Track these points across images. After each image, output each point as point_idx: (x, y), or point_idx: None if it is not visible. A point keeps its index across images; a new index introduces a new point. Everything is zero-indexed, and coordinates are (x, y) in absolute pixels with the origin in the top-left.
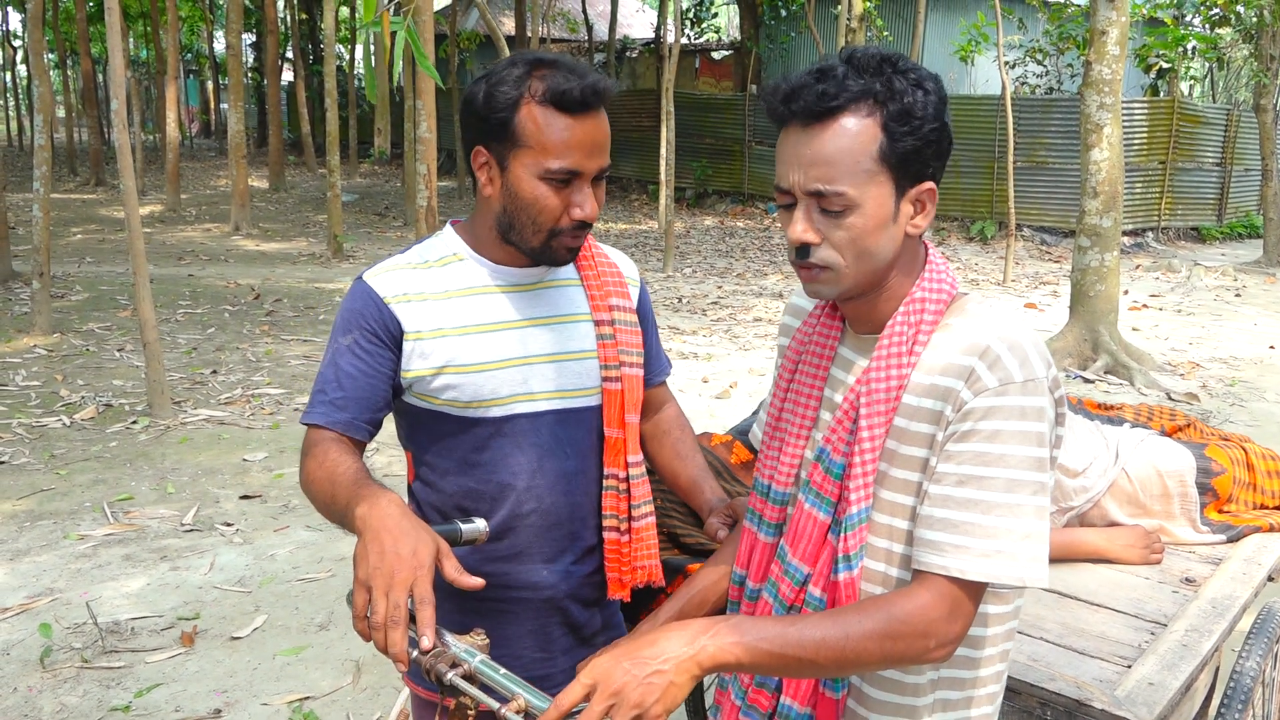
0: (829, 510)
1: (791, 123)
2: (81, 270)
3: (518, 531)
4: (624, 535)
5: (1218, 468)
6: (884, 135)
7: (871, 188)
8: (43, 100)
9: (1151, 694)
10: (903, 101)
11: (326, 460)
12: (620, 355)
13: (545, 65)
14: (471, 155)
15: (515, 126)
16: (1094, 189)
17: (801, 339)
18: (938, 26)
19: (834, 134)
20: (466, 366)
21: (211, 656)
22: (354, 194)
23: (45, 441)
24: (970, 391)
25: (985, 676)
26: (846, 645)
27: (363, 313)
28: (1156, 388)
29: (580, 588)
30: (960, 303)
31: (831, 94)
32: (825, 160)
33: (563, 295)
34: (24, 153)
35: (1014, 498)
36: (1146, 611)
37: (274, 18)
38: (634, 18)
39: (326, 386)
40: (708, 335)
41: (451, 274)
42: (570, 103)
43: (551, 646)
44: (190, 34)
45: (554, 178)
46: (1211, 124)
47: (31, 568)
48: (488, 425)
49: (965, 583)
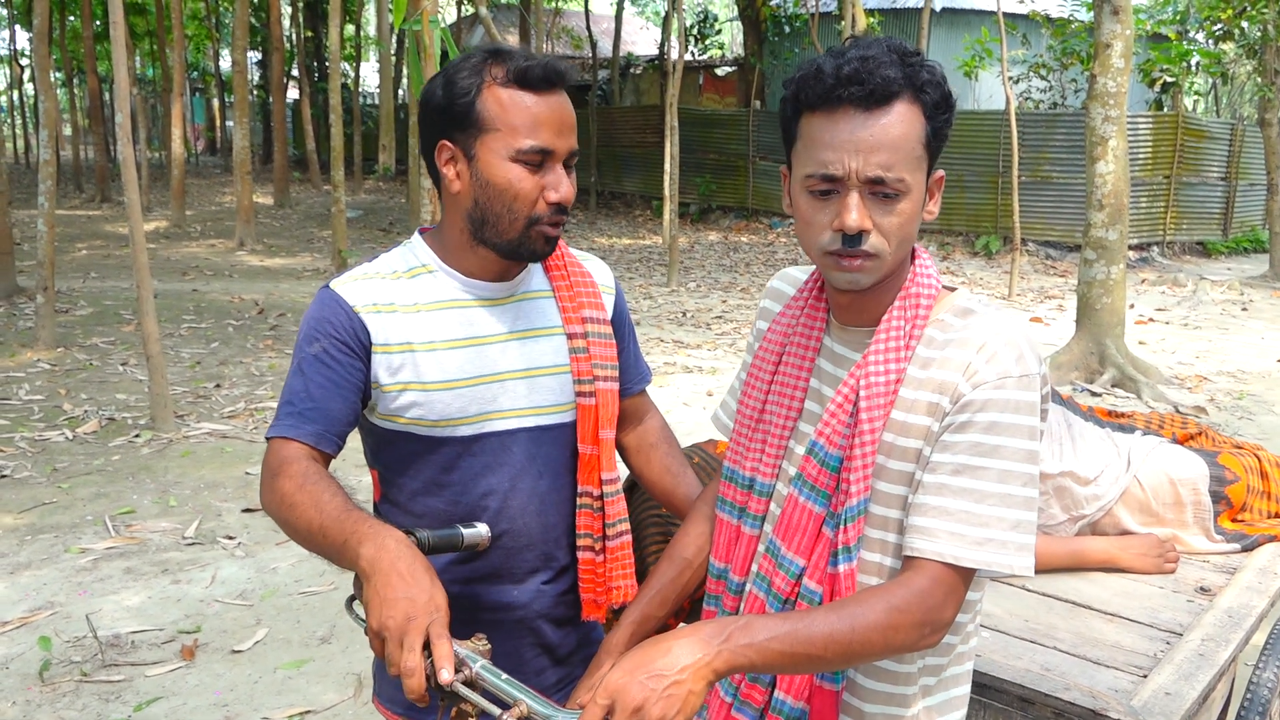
0: (823, 503)
1: (843, 106)
2: (86, 285)
3: (489, 553)
4: (599, 555)
5: (1231, 476)
6: (927, 123)
7: (919, 174)
8: (48, 115)
9: (1169, 704)
10: (942, 89)
11: (307, 484)
12: (594, 369)
13: (501, 53)
14: (435, 152)
15: (479, 111)
16: (1099, 202)
17: (783, 327)
18: (941, 42)
19: (895, 120)
20: (433, 384)
21: (212, 670)
22: (358, 210)
23: (48, 455)
24: (968, 384)
25: (957, 657)
26: (853, 638)
27: (331, 320)
28: (1164, 401)
29: (554, 607)
30: (949, 298)
31: (896, 79)
32: (889, 146)
33: (534, 308)
34: (30, 170)
35: (1006, 488)
36: (1161, 621)
37: (279, 35)
38: (638, 35)
39: (294, 398)
40: (712, 349)
41: (421, 286)
42: (534, 80)
43: (524, 668)
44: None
45: (526, 159)
46: (1216, 139)
47: (32, 581)
48: (455, 445)
49: (958, 569)
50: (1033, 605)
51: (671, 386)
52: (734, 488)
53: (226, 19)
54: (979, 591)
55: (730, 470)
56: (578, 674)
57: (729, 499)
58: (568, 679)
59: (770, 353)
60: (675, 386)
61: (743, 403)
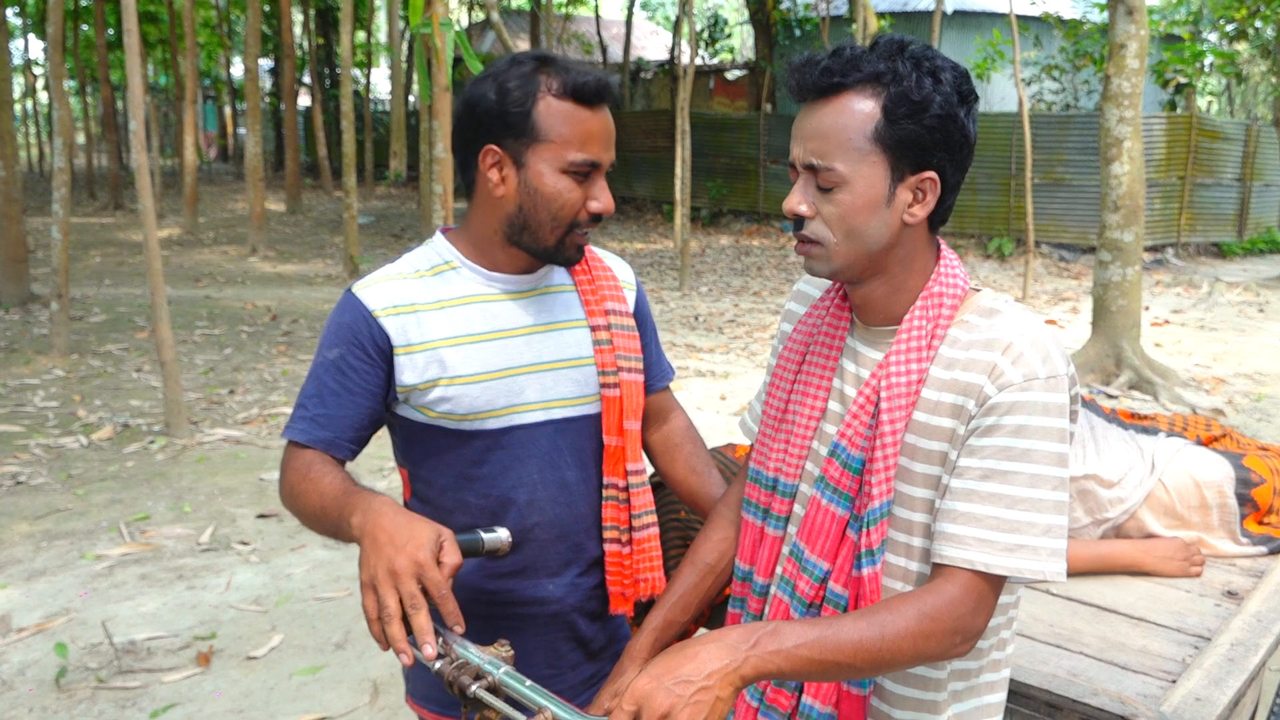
0: (847, 505)
1: (804, 99)
2: (100, 293)
3: (525, 546)
4: (625, 547)
5: (1257, 478)
6: (882, 116)
7: (864, 167)
8: (62, 123)
9: (1199, 710)
10: (903, 85)
11: (310, 473)
12: (618, 361)
13: (551, 61)
14: (480, 156)
15: (535, 121)
16: (1115, 203)
17: (808, 328)
18: (953, 44)
19: (834, 111)
20: (461, 378)
21: (228, 676)
22: (370, 216)
23: (63, 462)
24: (994, 386)
25: (989, 664)
26: (882, 645)
27: (351, 326)
28: (1181, 403)
29: (586, 601)
30: (974, 299)
31: (835, 70)
32: (821, 135)
33: (557, 301)
34: (45, 178)
35: (1036, 493)
36: (1188, 625)
37: (291, 42)
38: (648, 40)
39: (308, 401)
40: (725, 353)
41: (445, 283)
42: (588, 95)
43: (560, 662)
44: (208, 59)
45: (575, 170)
46: (1230, 139)
47: (48, 587)
48: (485, 438)
49: (988, 576)
50: (1058, 610)
51: (685, 391)
52: (758, 489)
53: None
54: (1012, 595)
55: (754, 471)
56: (608, 670)
57: (753, 500)
58: (599, 675)
59: (794, 353)
60: (689, 391)
61: (767, 403)
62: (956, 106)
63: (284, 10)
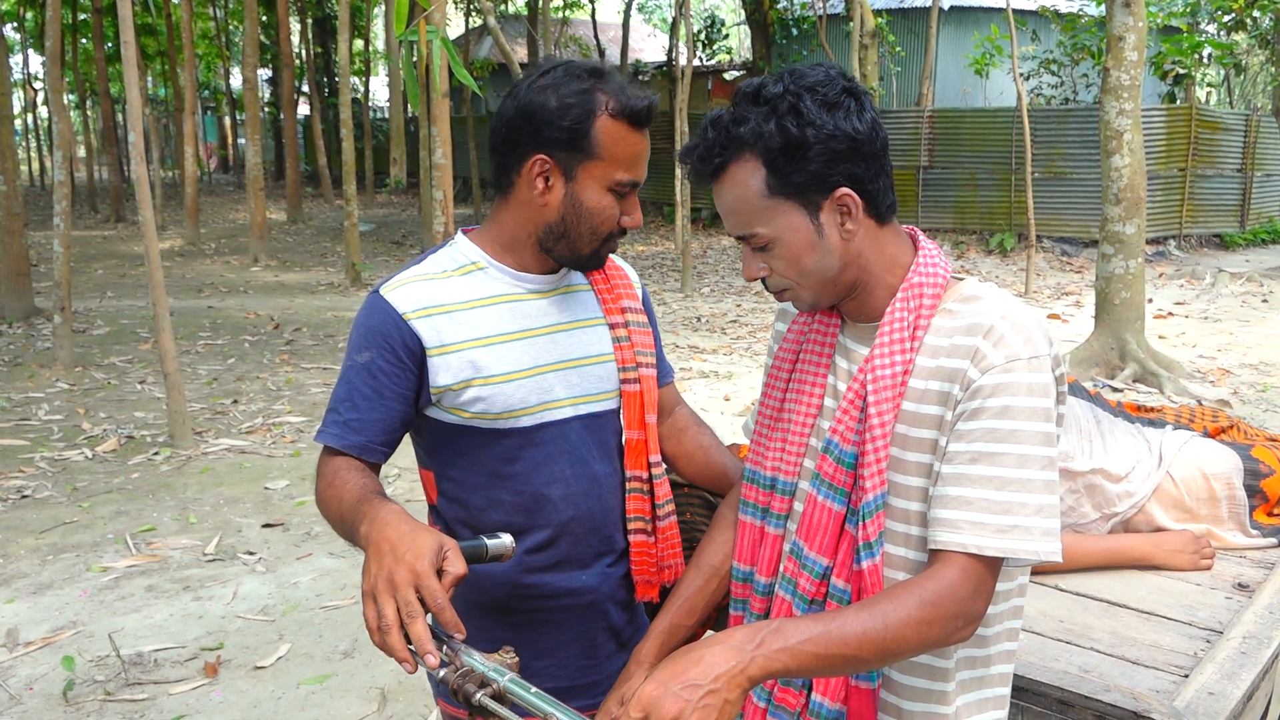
0: (843, 500)
1: (704, 183)
2: (103, 305)
3: (561, 540)
4: (650, 536)
5: (1265, 469)
6: (768, 173)
7: (779, 219)
8: (62, 137)
9: (1212, 704)
10: (771, 141)
11: (335, 480)
12: (637, 357)
13: (605, 77)
14: (528, 163)
15: (592, 138)
16: (1116, 195)
17: (801, 326)
18: (951, 40)
19: (730, 186)
20: (495, 377)
21: (235, 687)
22: (371, 223)
23: (68, 474)
24: (977, 370)
25: (996, 654)
26: (886, 635)
27: (381, 329)
28: (1186, 395)
29: (617, 590)
30: (957, 287)
31: (711, 153)
32: (732, 211)
33: (577, 300)
34: (45, 192)
35: (1025, 473)
36: (1200, 619)
37: (289, 52)
38: (645, 42)
39: (340, 405)
40: (727, 354)
41: (473, 283)
42: (640, 118)
43: (597, 652)
44: (207, 71)
45: (619, 189)
46: (1230, 130)
47: (54, 600)
48: (517, 436)
49: (985, 559)
50: (1068, 605)
51: (689, 392)
52: (755, 488)
53: (236, 37)
54: (1011, 581)
55: (751, 471)
56: None
57: (751, 500)
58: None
59: (788, 352)
60: (693, 392)
61: (763, 403)
62: (833, 124)
63: (282, 20)
